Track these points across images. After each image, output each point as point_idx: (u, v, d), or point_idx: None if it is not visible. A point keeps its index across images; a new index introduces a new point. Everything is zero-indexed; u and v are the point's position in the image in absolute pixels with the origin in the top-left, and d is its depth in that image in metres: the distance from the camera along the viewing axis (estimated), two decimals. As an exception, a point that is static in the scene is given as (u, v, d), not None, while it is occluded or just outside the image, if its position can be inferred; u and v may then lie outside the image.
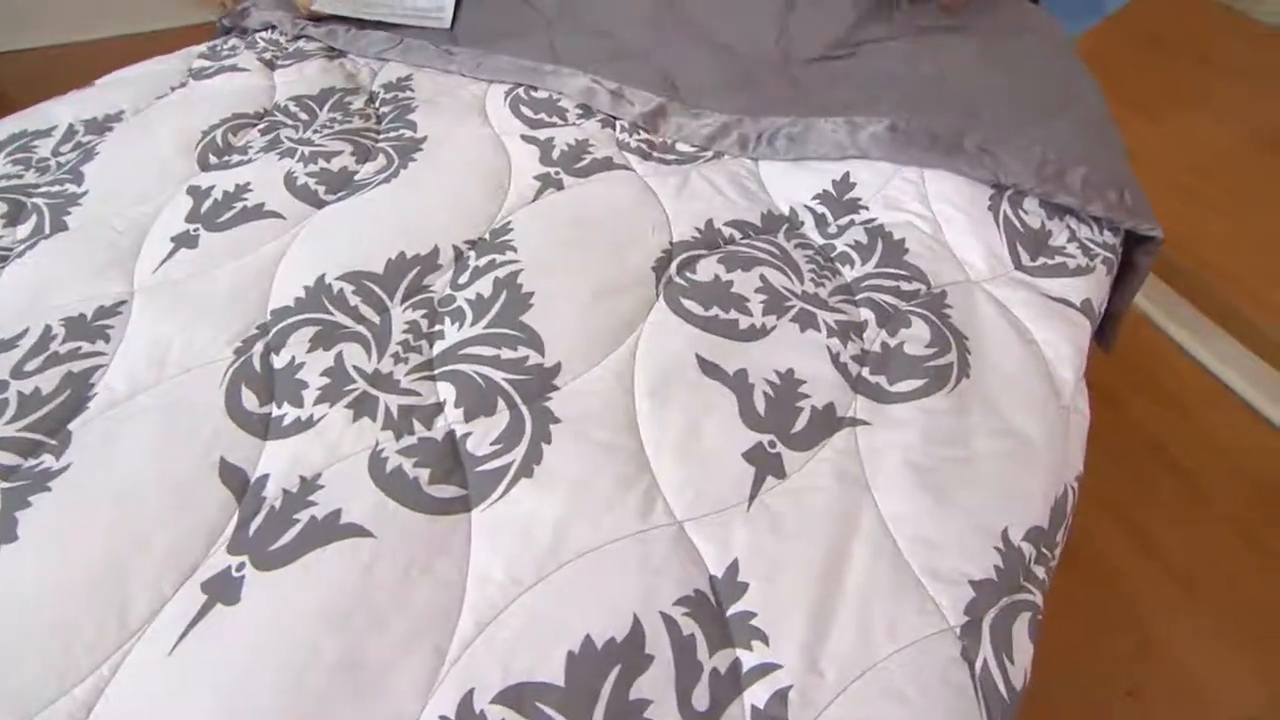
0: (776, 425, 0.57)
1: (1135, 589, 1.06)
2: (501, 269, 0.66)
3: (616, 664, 0.44)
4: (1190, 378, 1.36)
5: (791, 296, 0.66)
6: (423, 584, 0.48)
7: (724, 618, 0.47)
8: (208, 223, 0.70)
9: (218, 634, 0.44)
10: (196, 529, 0.50)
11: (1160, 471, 1.20)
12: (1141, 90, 1.83)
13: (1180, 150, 1.64)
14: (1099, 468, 1.19)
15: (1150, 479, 1.20)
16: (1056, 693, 0.95)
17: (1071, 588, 1.05)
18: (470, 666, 0.45)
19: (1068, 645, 0.99)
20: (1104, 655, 0.99)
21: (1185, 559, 1.08)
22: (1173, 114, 1.78)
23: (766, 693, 0.44)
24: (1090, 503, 1.15)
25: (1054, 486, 0.58)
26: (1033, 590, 0.53)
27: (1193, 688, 0.96)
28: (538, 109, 0.88)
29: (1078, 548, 1.10)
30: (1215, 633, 1.01)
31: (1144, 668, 0.98)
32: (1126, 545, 1.11)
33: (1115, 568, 1.08)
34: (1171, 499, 1.17)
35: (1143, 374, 1.37)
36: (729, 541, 0.50)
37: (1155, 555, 1.09)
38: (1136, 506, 1.15)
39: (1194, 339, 1.39)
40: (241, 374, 0.59)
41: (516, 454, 0.54)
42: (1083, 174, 0.77)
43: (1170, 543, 1.10)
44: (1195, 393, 1.34)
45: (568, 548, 0.49)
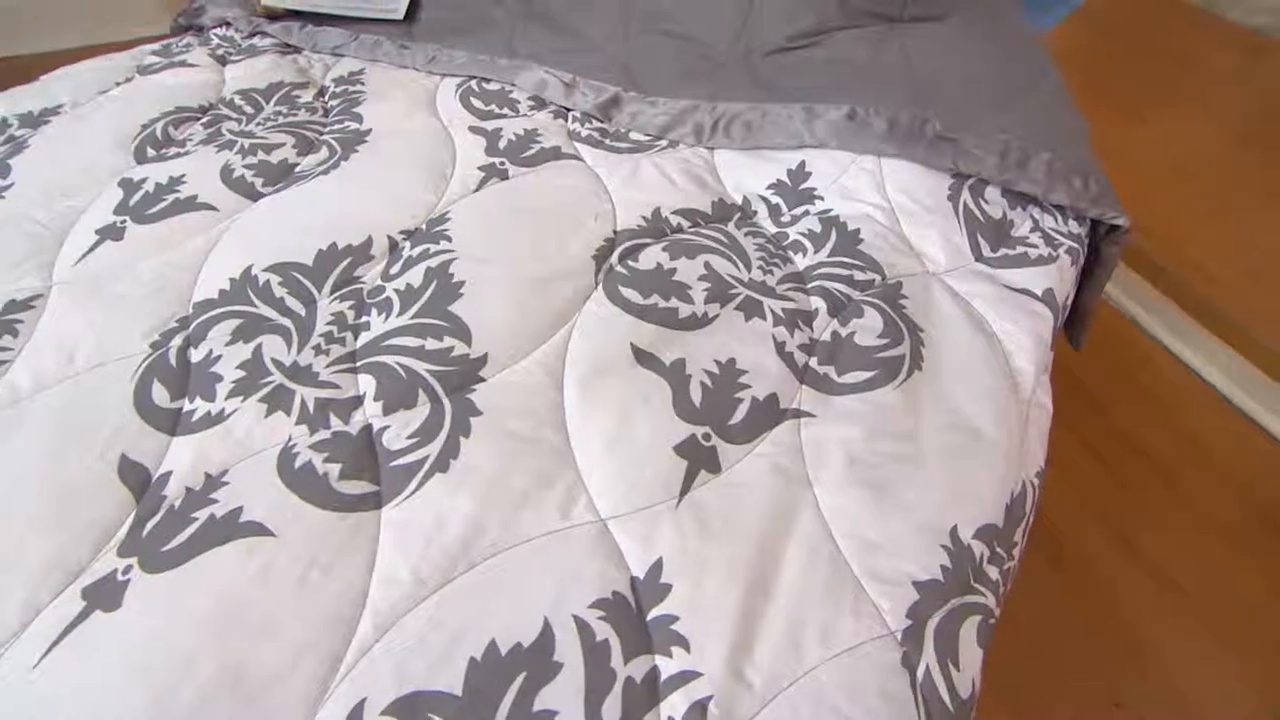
0: (713, 417, 0.53)
1: (1122, 594, 1.02)
2: (434, 258, 0.64)
3: (521, 672, 0.41)
4: (1174, 379, 1.33)
5: (737, 284, 0.63)
6: (323, 586, 0.44)
7: (644, 622, 0.44)
8: (136, 215, 0.68)
9: (91, 644, 0.41)
10: (85, 532, 0.47)
11: (1145, 474, 1.17)
12: (1122, 93, 1.83)
13: (1161, 151, 1.63)
14: (1084, 471, 1.17)
15: (1136, 482, 1.16)
16: (1044, 703, 0.91)
17: (1057, 594, 1.02)
18: (365, 675, 0.41)
19: (1054, 654, 0.95)
20: (1091, 664, 0.96)
21: (1171, 563, 1.05)
22: (1154, 115, 1.77)
23: (685, 703, 0.41)
24: (1075, 506, 1.12)
25: (1010, 482, 0.55)
26: (984, 592, 0.49)
27: (1182, 696, 0.92)
28: (489, 100, 0.86)
29: (1063, 552, 1.07)
30: (1203, 638, 0.97)
31: (1132, 676, 0.94)
32: (1112, 550, 1.07)
33: (1101, 573, 1.05)
34: (1157, 502, 1.13)
35: (1126, 376, 1.34)
36: (654, 540, 0.47)
37: (1141, 560, 1.05)
38: (1122, 510, 1.11)
39: (1178, 340, 1.36)
40: (155, 368, 0.56)
41: (432, 448, 0.51)
42: (1046, 161, 0.74)
43: (1156, 547, 1.07)
44: (1179, 394, 1.31)
45: (479, 547, 0.46)
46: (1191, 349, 1.33)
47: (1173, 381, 1.33)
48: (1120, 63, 2.01)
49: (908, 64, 0.85)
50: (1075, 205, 0.73)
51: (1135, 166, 1.67)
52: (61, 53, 1.59)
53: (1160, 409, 1.28)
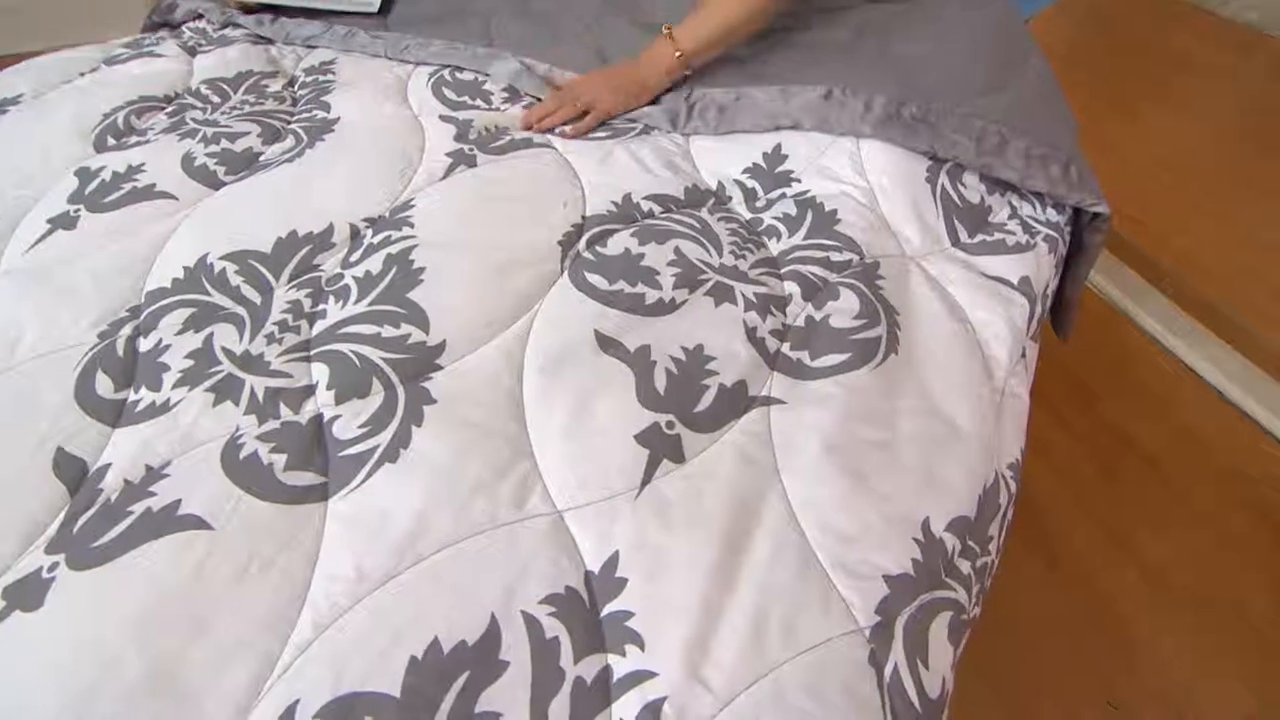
0: (677, 405, 0.51)
1: (1115, 592, 1.00)
2: (395, 245, 0.61)
3: (464, 671, 0.38)
4: (1167, 373, 1.31)
5: (707, 270, 0.61)
6: (262, 582, 0.42)
7: (597, 619, 0.42)
8: (91, 204, 0.66)
9: (7, 645, 0.39)
10: (13, 528, 0.44)
11: (1137, 470, 1.15)
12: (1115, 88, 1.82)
13: (1153, 146, 1.62)
14: (1075, 468, 1.14)
15: (1129, 479, 1.14)
16: (1037, 704, 0.89)
17: (1051, 592, 0.99)
18: (300, 676, 0.39)
19: (1048, 652, 0.93)
20: (1085, 662, 0.93)
21: (1164, 560, 1.02)
22: (1146, 111, 1.76)
23: (638, 704, 0.39)
24: (1067, 503, 1.10)
25: (983, 474, 0.53)
26: (955, 587, 0.47)
27: (1176, 695, 0.90)
28: (461, 91, 0.84)
29: (1056, 550, 1.04)
30: (1196, 636, 0.95)
31: (1126, 675, 0.92)
32: (1106, 547, 1.05)
33: (1094, 571, 1.02)
34: (1149, 498, 1.11)
35: (1118, 370, 1.32)
36: (611, 533, 0.45)
37: (1134, 557, 1.03)
38: (1114, 507, 1.09)
39: (1170, 333, 1.34)
40: (100, 359, 0.54)
41: (383, 438, 0.48)
42: (1024, 147, 0.72)
43: (1149, 544, 1.04)
44: (1172, 388, 1.28)
45: (427, 541, 0.44)
46: (1184, 343, 1.31)
47: (1166, 375, 1.31)
48: (1112, 59, 2.00)
49: (887, 47, 0.83)
50: (1053, 192, 0.71)
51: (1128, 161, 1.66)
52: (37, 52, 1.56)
53: (1153, 403, 1.26)
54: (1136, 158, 1.58)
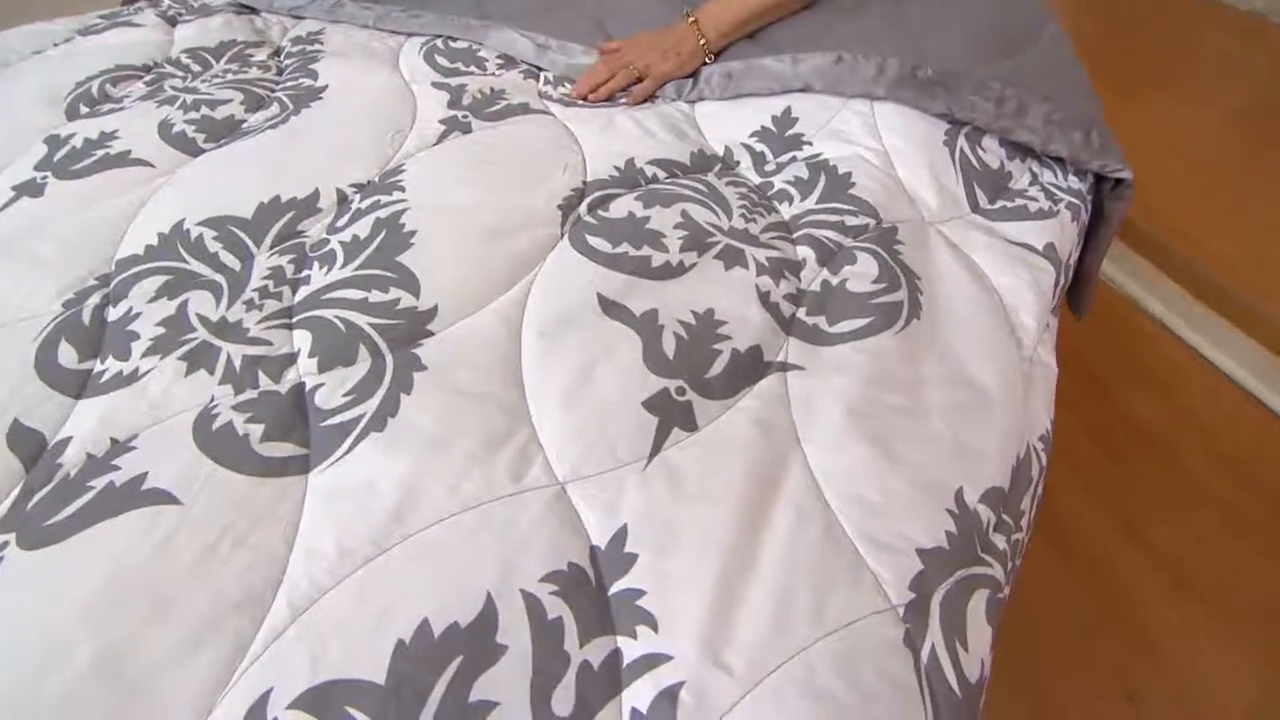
0: (687, 370, 0.47)
1: (1128, 581, 0.96)
2: (384, 209, 0.58)
3: (457, 656, 0.35)
4: (1174, 358, 1.28)
5: (717, 233, 0.58)
6: (234, 560, 0.38)
7: (604, 598, 0.38)
8: (59, 171, 0.62)
9: (-51, 627, 0.35)
10: (-41, 504, 0.40)
11: (1149, 458, 1.12)
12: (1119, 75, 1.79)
13: (1158, 133, 1.59)
14: (1087, 456, 1.11)
15: (1140, 466, 1.11)
16: (1053, 695, 0.85)
17: (1065, 585, 0.96)
18: (274, 662, 0.35)
19: (1062, 644, 0.90)
20: (1100, 654, 0.90)
21: (1177, 548, 0.99)
22: (1150, 98, 1.74)
23: (651, 691, 0.35)
24: (1079, 491, 1.06)
25: (1015, 444, 0.49)
26: (991, 563, 0.43)
27: (1192, 686, 0.86)
28: (454, 58, 0.81)
29: (1068, 538, 1.01)
30: (1212, 626, 0.92)
31: (1143, 667, 0.88)
32: (1118, 536, 1.01)
33: (1107, 560, 0.99)
34: (1161, 486, 1.08)
35: (1126, 357, 1.29)
36: (618, 505, 0.41)
37: (1147, 546, 1.00)
38: (1126, 495, 1.06)
39: (1180, 319, 1.30)
40: (65, 328, 0.50)
41: (369, 406, 0.44)
42: (1045, 111, 0.68)
43: (1161, 532, 1.01)
44: (1179, 374, 1.26)
45: (417, 515, 0.40)
46: (1191, 326, 1.28)
47: (1172, 360, 1.28)
48: (1118, 48, 1.98)
49: (899, 11, 0.79)
50: (1075, 158, 0.68)
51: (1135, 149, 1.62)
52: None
53: (1162, 389, 1.23)
54: (1144, 145, 1.55)
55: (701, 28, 0.77)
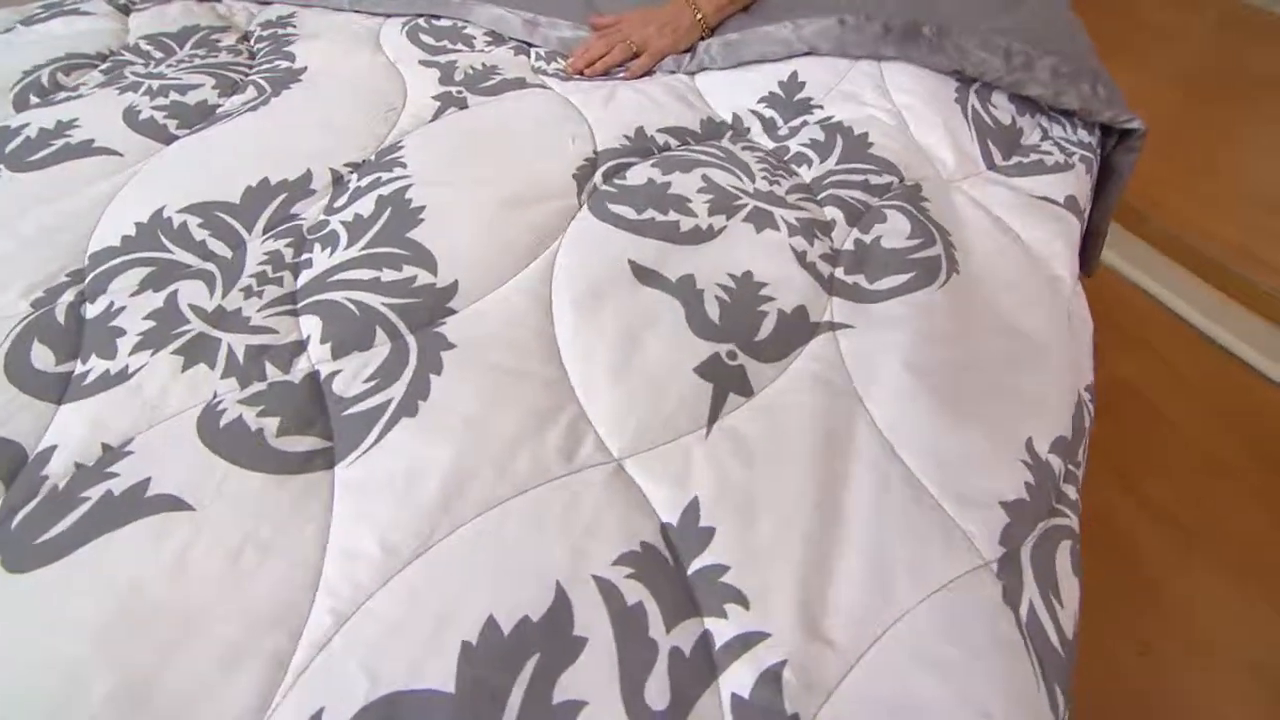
0: (736, 333, 0.44)
1: (1133, 539, 0.98)
2: (386, 186, 0.53)
3: (532, 654, 0.31)
4: (1153, 319, 1.32)
5: (742, 195, 0.55)
6: (262, 570, 0.34)
7: (684, 577, 0.34)
8: (13, 163, 0.56)
9: (-72, 667, 0.30)
10: (-70, 526, 0.35)
11: (1141, 418, 1.13)
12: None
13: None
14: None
15: (1134, 427, 1.12)
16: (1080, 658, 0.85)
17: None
18: (323, 679, 0.31)
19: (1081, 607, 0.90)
20: (1111, 609, 0.90)
21: (1177, 505, 1.01)
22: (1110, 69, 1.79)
23: (752, 674, 0.31)
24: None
25: (1070, 393, 0.47)
26: (1068, 513, 0.41)
27: (1201, 637, 0.88)
28: (440, 36, 0.76)
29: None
30: (1213, 577, 0.93)
31: (1151, 620, 0.89)
32: (1119, 495, 1.03)
33: (1110, 518, 1.00)
34: (1155, 445, 1.10)
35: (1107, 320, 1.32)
36: (685, 478, 0.38)
37: (1147, 503, 1.02)
38: (1124, 455, 1.07)
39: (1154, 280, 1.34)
40: (36, 329, 0.45)
41: (395, 390, 0.40)
42: (1052, 64, 0.67)
43: (1161, 490, 1.03)
44: (1159, 334, 1.29)
45: (465, 504, 0.36)
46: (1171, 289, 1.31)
47: (1151, 321, 1.31)
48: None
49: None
50: (1087, 109, 0.67)
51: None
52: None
53: (1146, 350, 1.26)
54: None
55: (697, 2, 0.74)
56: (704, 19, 0.75)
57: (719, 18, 0.76)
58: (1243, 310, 1.20)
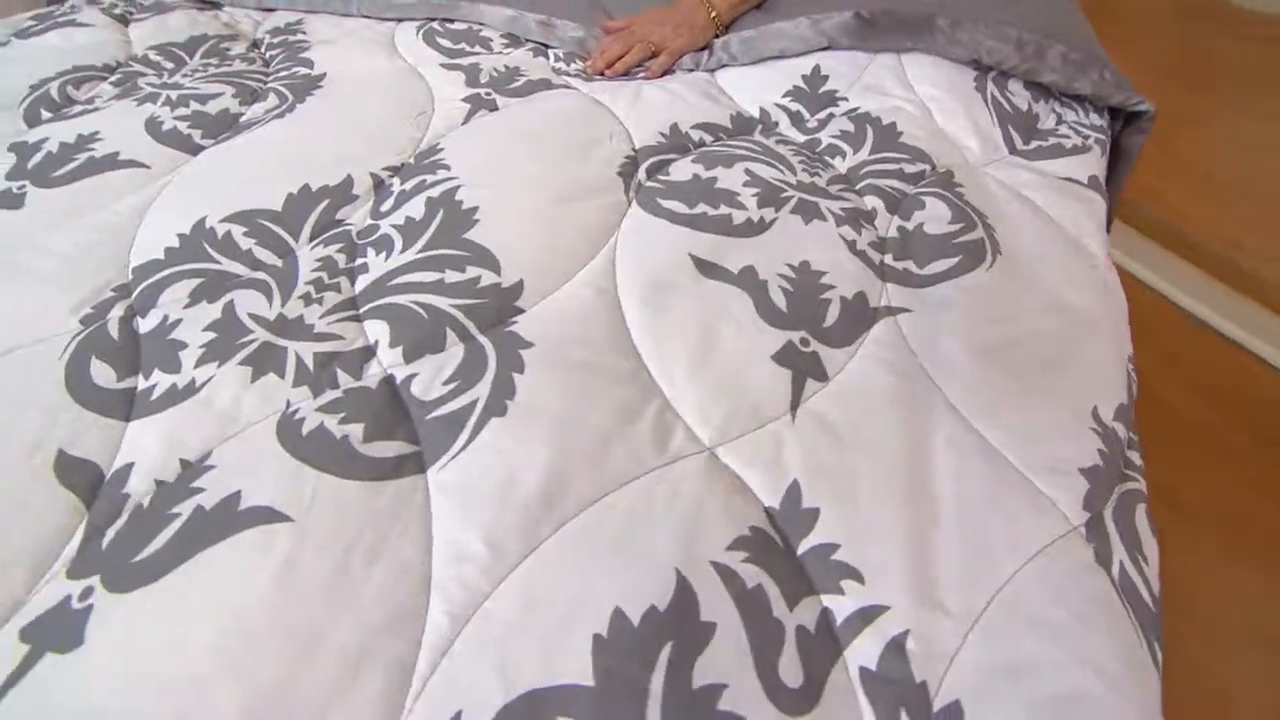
0: (805, 321, 0.45)
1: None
2: (434, 189, 0.53)
3: (665, 642, 0.31)
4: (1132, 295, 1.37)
5: (787, 188, 0.56)
6: (370, 577, 0.33)
7: (795, 558, 0.35)
8: (38, 179, 0.54)
9: (44, 698, 0.29)
10: (17, 556, 0.34)
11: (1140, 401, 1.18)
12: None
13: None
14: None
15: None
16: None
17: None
18: (452, 682, 0.30)
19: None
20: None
21: (1167, 479, 1.04)
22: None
23: (877, 646, 0.32)
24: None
25: (1123, 362, 0.49)
26: (1137, 477, 0.43)
27: (1201, 606, 0.91)
28: (457, 39, 0.76)
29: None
30: (1210, 548, 0.96)
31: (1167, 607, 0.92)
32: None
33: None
34: (1142, 419, 1.13)
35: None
36: (780, 461, 0.38)
37: (1151, 482, 1.05)
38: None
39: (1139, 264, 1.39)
40: (90, 345, 0.43)
41: (480, 391, 0.40)
42: (1061, 52, 0.70)
43: (1151, 465, 1.06)
44: (1143, 314, 1.34)
45: (567, 500, 0.36)
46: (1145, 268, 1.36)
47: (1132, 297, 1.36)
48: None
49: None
50: (1098, 94, 0.70)
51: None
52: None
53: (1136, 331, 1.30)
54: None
55: (711, 1, 0.75)
56: (718, 17, 0.76)
57: (732, 15, 0.77)
58: (1226, 290, 1.25)
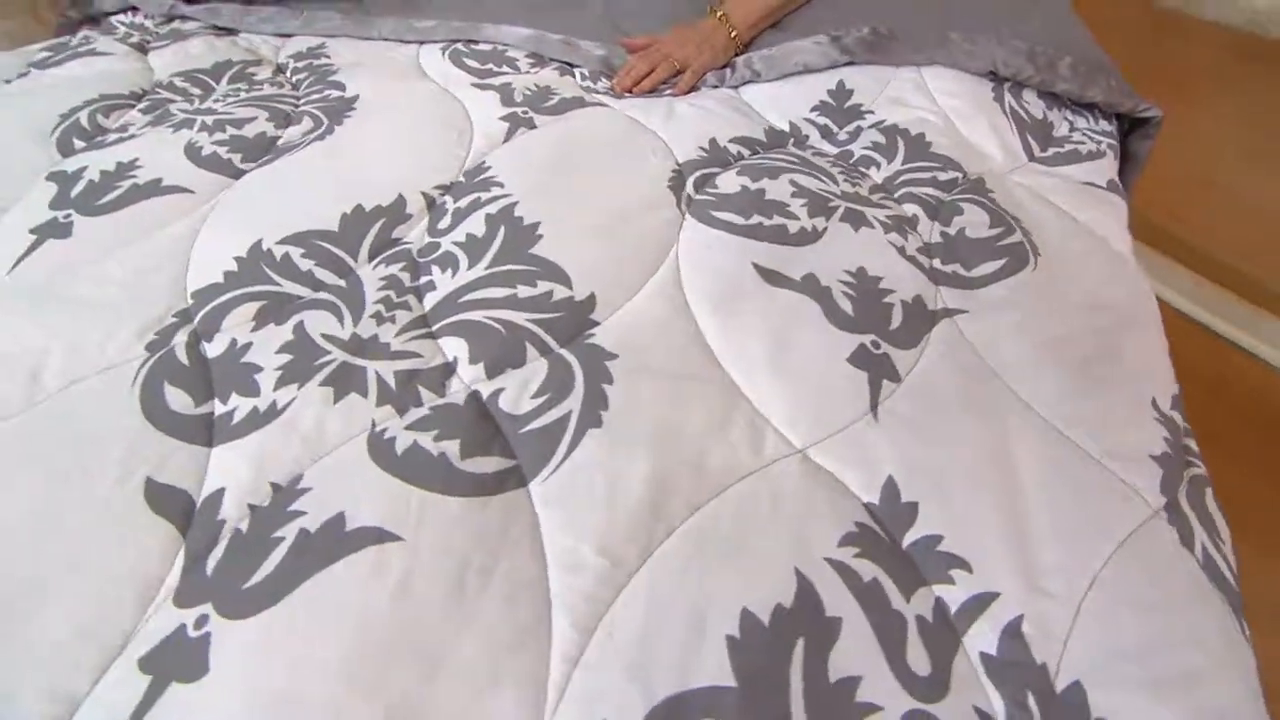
0: (872, 324, 0.47)
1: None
2: (490, 206, 0.53)
3: (797, 638, 0.31)
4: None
5: (833, 197, 0.57)
6: (488, 592, 0.33)
7: (901, 551, 0.36)
8: (83, 207, 0.53)
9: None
10: (119, 586, 0.33)
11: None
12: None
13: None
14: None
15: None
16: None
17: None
18: (587, 692, 0.30)
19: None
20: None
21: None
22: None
23: (994, 631, 0.33)
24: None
25: (1165, 355, 0.51)
26: (1198, 463, 0.45)
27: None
28: (484, 60, 0.77)
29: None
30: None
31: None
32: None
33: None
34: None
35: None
36: (871, 459, 0.39)
37: None
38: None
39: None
40: (161, 372, 0.42)
41: (572, 403, 0.40)
42: (1070, 63, 0.74)
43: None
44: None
45: (673, 507, 0.36)
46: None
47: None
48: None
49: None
50: (1110, 101, 0.74)
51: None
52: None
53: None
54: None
55: (730, 20, 0.78)
56: (738, 36, 0.78)
57: (752, 34, 0.79)
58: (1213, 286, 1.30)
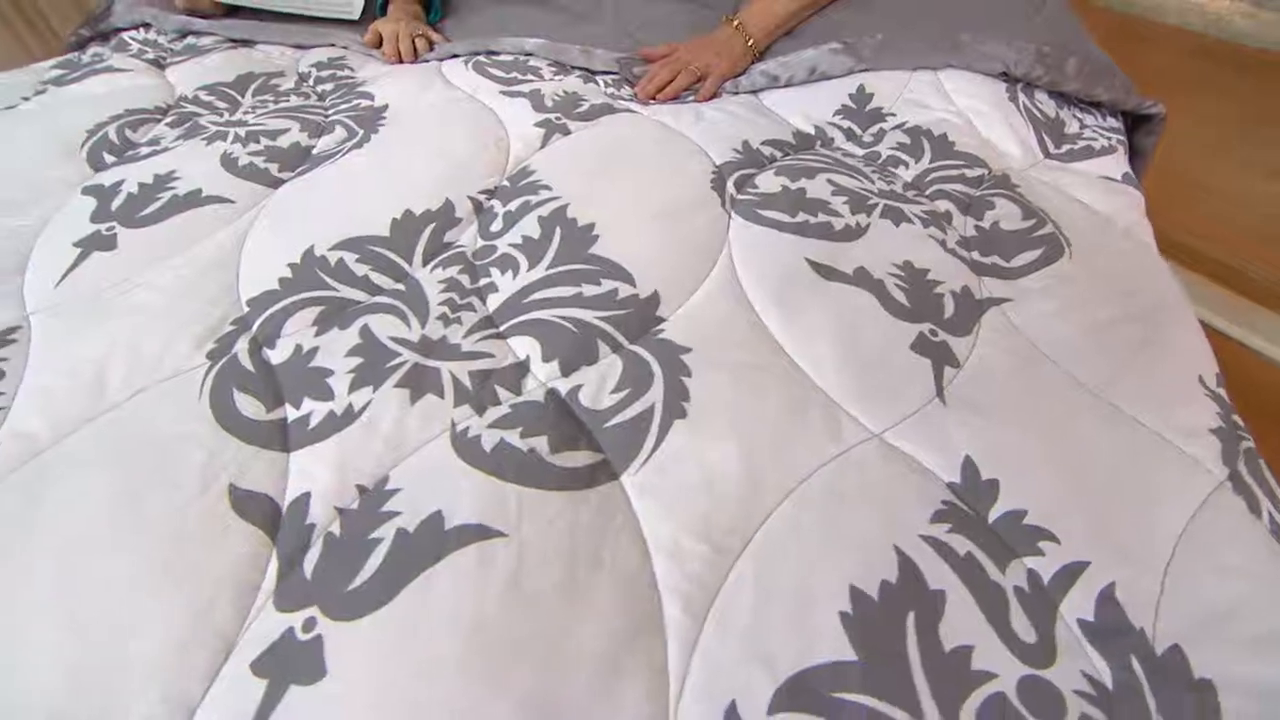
0: (928, 314, 0.48)
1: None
2: (541, 208, 0.54)
3: (908, 612, 0.32)
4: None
5: (871, 195, 0.59)
6: (597, 584, 0.33)
7: (988, 526, 0.37)
8: (125, 219, 0.53)
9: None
10: (213, 594, 0.32)
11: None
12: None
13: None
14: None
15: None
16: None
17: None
18: (711, 675, 0.31)
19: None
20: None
21: None
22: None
23: (1088, 599, 0.34)
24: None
25: (1202, 337, 0.53)
26: (1249, 437, 0.46)
27: None
28: (508, 69, 0.78)
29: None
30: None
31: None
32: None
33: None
34: None
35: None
36: (948, 441, 0.40)
37: None
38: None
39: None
40: (228, 378, 0.42)
41: (654, 396, 0.41)
42: (1076, 63, 0.77)
43: None
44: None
45: (767, 492, 0.37)
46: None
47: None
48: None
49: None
50: (1115, 99, 0.77)
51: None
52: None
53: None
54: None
55: (747, 29, 0.80)
56: (754, 44, 0.80)
57: (767, 42, 0.81)
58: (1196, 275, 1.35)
